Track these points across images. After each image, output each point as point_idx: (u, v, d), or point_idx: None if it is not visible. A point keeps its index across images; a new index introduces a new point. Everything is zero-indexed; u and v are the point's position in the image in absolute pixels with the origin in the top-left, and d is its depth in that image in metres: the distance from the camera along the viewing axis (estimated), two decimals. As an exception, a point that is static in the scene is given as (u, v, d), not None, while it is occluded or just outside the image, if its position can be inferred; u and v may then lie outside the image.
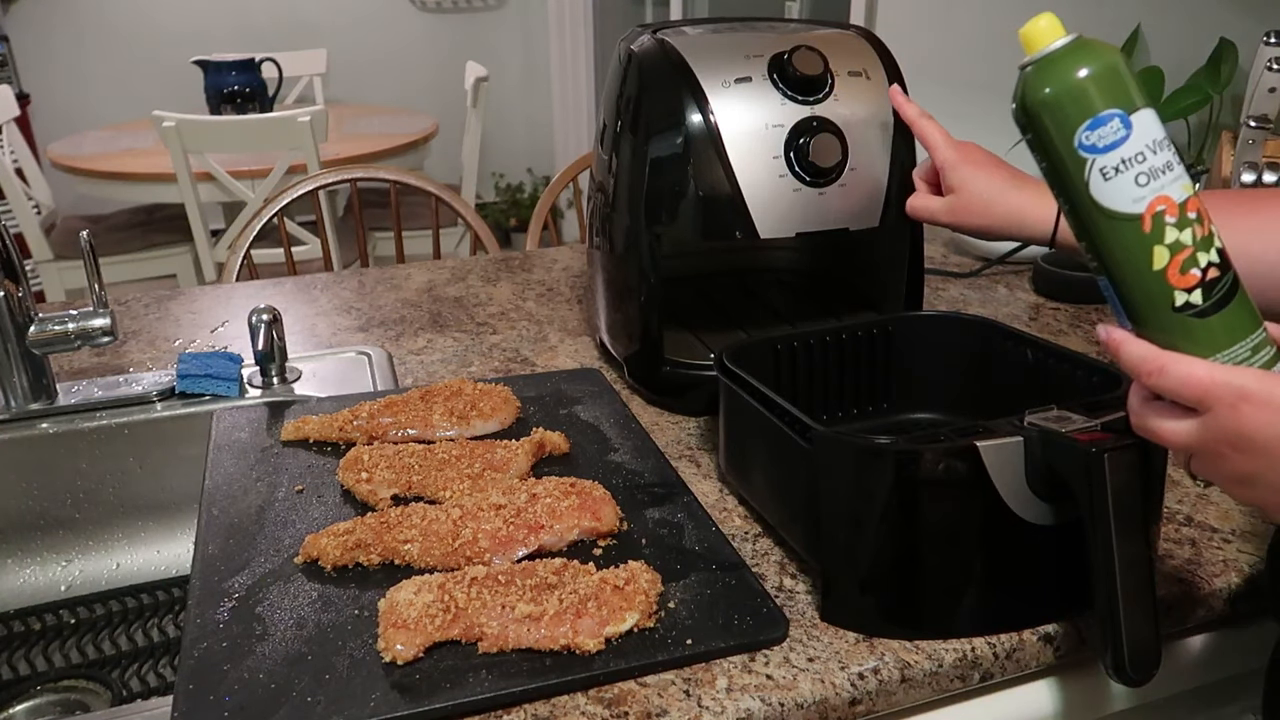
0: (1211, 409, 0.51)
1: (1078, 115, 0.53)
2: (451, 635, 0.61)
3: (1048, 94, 0.53)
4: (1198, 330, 0.53)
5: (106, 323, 0.95)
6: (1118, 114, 0.52)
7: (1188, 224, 0.52)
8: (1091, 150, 0.52)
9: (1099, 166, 0.52)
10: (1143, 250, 0.52)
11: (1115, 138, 0.52)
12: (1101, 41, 0.54)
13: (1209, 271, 0.52)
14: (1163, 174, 0.52)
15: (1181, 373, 0.51)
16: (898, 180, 0.91)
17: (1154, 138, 0.52)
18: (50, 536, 0.99)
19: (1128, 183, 0.52)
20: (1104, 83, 0.52)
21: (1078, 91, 0.53)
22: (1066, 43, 0.53)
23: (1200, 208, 0.53)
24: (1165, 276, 0.52)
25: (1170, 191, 0.52)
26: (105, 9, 3.90)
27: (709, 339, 1.01)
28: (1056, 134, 0.53)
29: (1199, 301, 0.52)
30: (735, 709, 0.58)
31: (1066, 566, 0.63)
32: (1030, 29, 0.55)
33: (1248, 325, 0.53)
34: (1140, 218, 0.52)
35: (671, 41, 0.90)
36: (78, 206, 3.40)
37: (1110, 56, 0.53)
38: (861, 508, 0.63)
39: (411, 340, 1.14)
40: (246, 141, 2.60)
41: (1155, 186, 0.52)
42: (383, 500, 0.76)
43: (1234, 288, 0.53)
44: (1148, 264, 0.53)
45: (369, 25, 4.25)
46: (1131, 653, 0.56)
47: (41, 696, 0.87)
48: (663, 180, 0.89)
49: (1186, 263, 0.52)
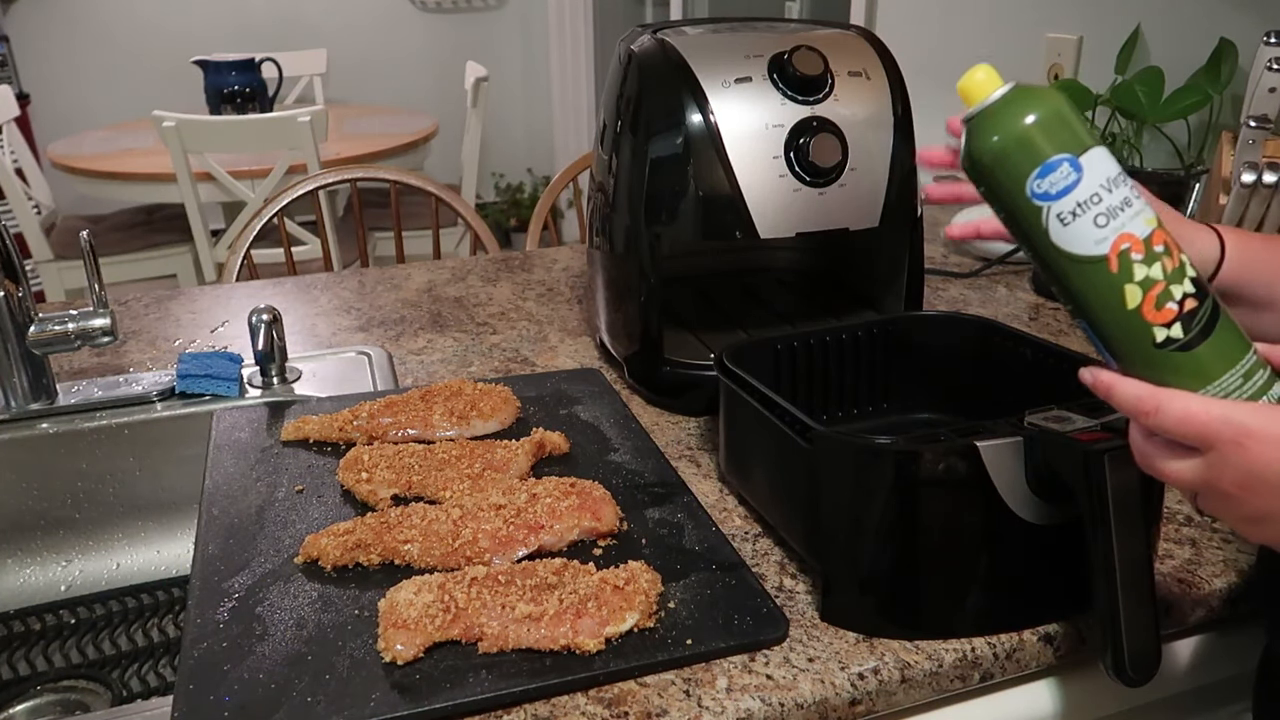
0: (1214, 448, 0.49)
1: (1026, 164, 0.52)
2: (451, 635, 0.61)
3: (994, 145, 0.53)
4: (1185, 364, 0.51)
5: (106, 323, 0.95)
6: (1066, 158, 0.51)
7: (1156, 258, 0.51)
8: (1045, 198, 0.52)
9: (1055, 213, 0.52)
10: (1114, 291, 0.52)
11: (1067, 182, 0.51)
12: (1041, 86, 0.54)
13: (1185, 303, 0.51)
14: (1121, 211, 0.51)
15: (1177, 412, 0.50)
16: (898, 180, 0.91)
17: (1107, 176, 0.52)
18: (50, 536, 0.99)
19: (1087, 225, 0.51)
20: (1049, 128, 0.52)
21: (1023, 140, 0.52)
22: (1005, 92, 0.53)
23: (1167, 239, 0.52)
24: (1141, 314, 0.51)
25: (1132, 228, 0.51)
26: (105, 9, 3.90)
27: (709, 339, 1.01)
28: (1008, 184, 0.53)
29: (1180, 335, 0.51)
30: (735, 709, 0.58)
31: (1066, 566, 0.63)
32: (968, 82, 0.54)
33: (1236, 351, 0.52)
34: (1105, 259, 0.51)
35: (671, 41, 0.90)
36: (78, 206, 3.40)
37: (1052, 101, 0.52)
38: (861, 508, 0.63)
39: (411, 340, 1.14)
40: (246, 141, 2.60)
41: (1116, 225, 0.51)
42: (383, 500, 0.76)
43: (1215, 315, 0.52)
44: (1121, 304, 0.52)
45: (369, 25, 4.25)
46: (1131, 653, 0.56)
47: (41, 696, 0.87)
48: (663, 180, 0.89)
49: (1161, 298, 0.51)
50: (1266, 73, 1.07)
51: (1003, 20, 1.73)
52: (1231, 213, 1.10)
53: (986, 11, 1.77)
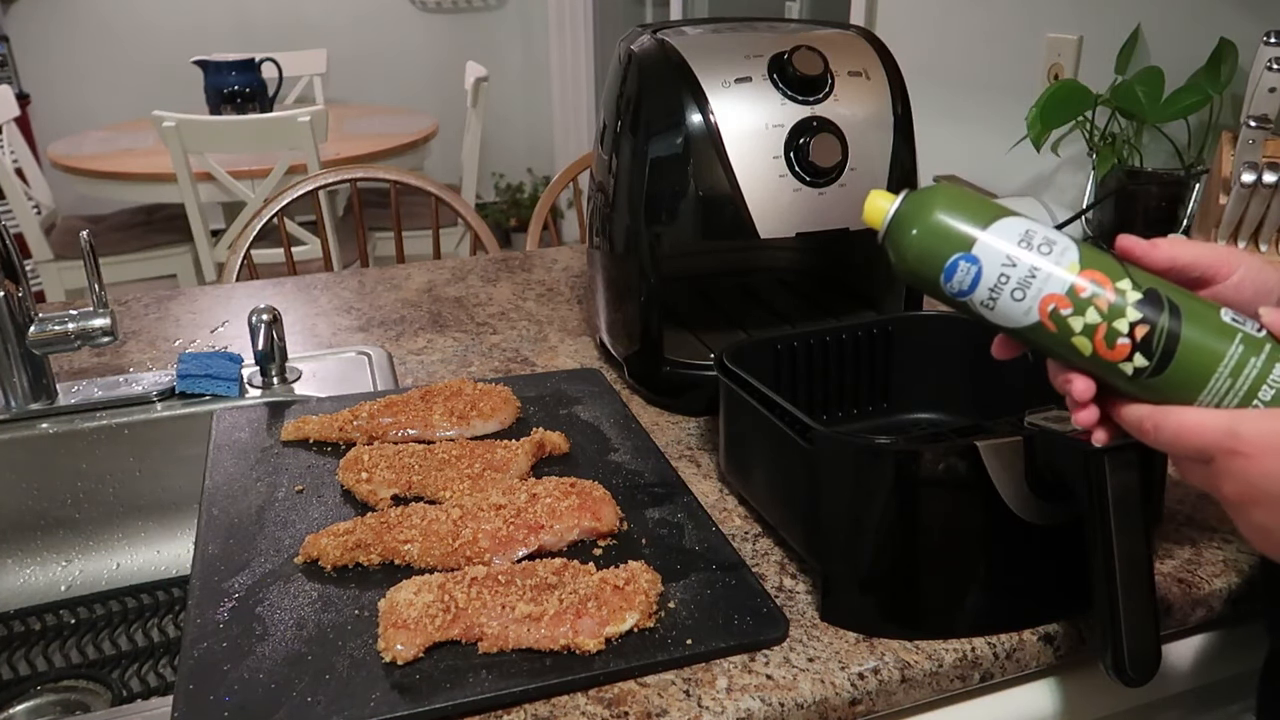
0: (1214, 459, 0.49)
1: (931, 272, 0.54)
2: (451, 635, 0.61)
3: (901, 264, 0.55)
4: (1167, 384, 0.51)
5: (106, 323, 0.95)
6: (959, 257, 0.53)
7: (1086, 304, 0.51)
8: (961, 294, 0.54)
9: (978, 302, 0.54)
10: (1065, 346, 0.53)
11: (970, 278, 0.53)
12: (926, 189, 0.55)
13: (1136, 331, 0.51)
14: (1033, 279, 0.52)
15: (1172, 429, 0.50)
16: (898, 180, 0.91)
17: (1005, 254, 0.52)
18: (50, 536, 0.99)
19: (1008, 303, 0.53)
20: (933, 236, 0.53)
21: (919, 251, 0.54)
22: (895, 209, 0.55)
23: (1095, 275, 0.52)
24: (1101, 357, 0.52)
25: (1051, 288, 0.52)
26: (105, 9, 3.90)
27: (709, 339, 1.01)
28: (934, 289, 0.55)
29: (1145, 363, 0.51)
30: (735, 709, 0.58)
31: (1066, 566, 0.63)
32: (867, 211, 0.56)
33: (1215, 351, 0.50)
34: (1040, 325, 0.52)
35: (671, 41, 0.90)
36: (78, 206, 3.40)
37: (934, 202, 0.54)
38: (861, 508, 0.63)
39: (411, 340, 1.14)
40: (246, 141, 2.60)
41: (1033, 294, 0.52)
42: (383, 500, 0.76)
43: (1175, 329, 0.51)
44: (1079, 354, 0.52)
45: (369, 25, 4.25)
46: (1131, 653, 0.56)
47: (41, 696, 0.87)
48: (663, 180, 0.89)
49: (1109, 337, 0.51)
50: (1266, 73, 1.07)
51: (1003, 20, 1.73)
52: (1231, 213, 1.10)
53: (986, 11, 1.77)
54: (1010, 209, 0.54)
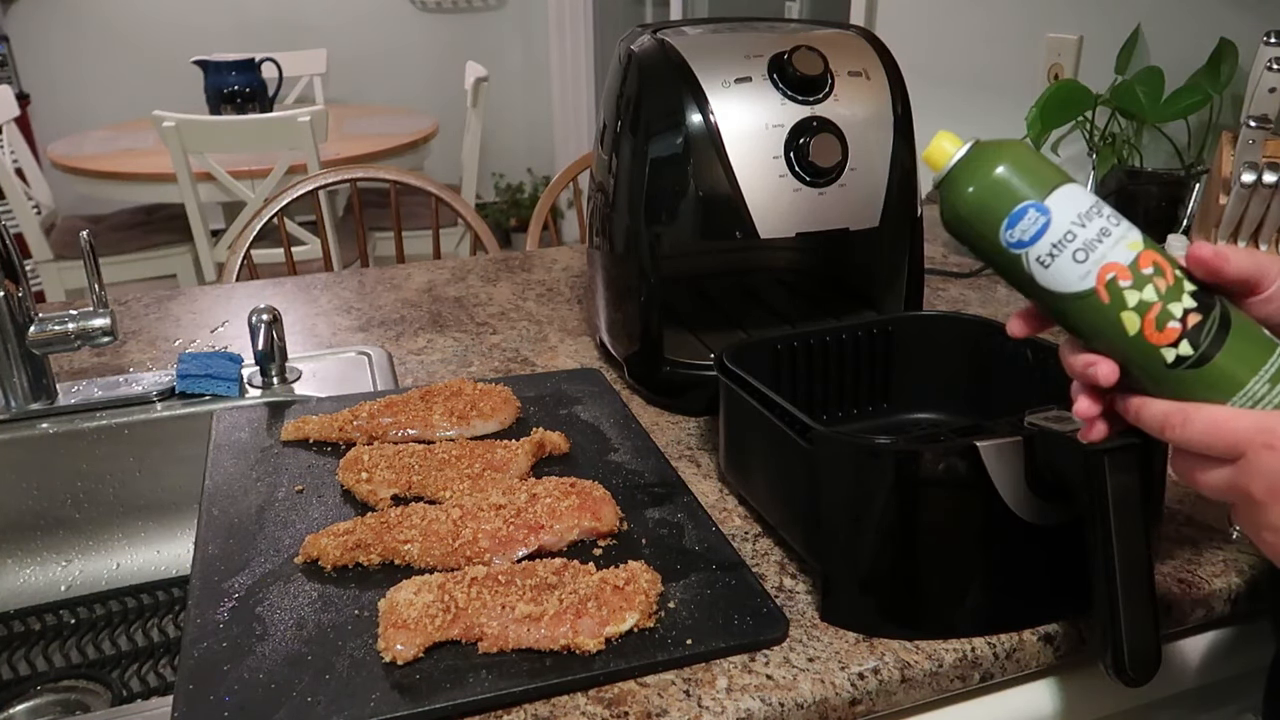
0: (1244, 454, 0.48)
1: (994, 218, 0.53)
2: (451, 635, 0.61)
3: (961, 206, 0.54)
4: (1204, 378, 0.50)
5: (106, 323, 0.95)
6: (1030, 205, 0.52)
7: (1146, 281, 0.51)
8: (1019, 245, 0.53)
9: (1034, 257, 0.53)
10: (1111, 321, 0.52)
11: (1037, 227, 0.52)
12: (999, 140, 0.55)
13: (1189, 319, 0.50)
14: (1100, 243, 0.51)
15: (1204, 422, 0.49)
16: (898, 180, 0.91)
17: (1078, 211, 0.52)
18: (50, 536, 0.99)
19: (1067, 263, 0.52)
20: (1008, 179, 0.53)
21: (986, 196, 0.53)
22: (963, 154, 0.55)
23: (1157, 258, 0.51)
24: (1145, 338, 0.51)
25: (1115, 256, 0.51)
26: (105, 9, 3.90)
27: (709, 339, 1.01)
28: (984, 239, 0.54)
29: (1190, 352, 0.50)
30: (735, 709, 0.58)
31: (1066, 566, 0.63)
32: (931, 151, 0.56)
33: (1258, 357, 0.50)
34: (1094, 291, 0.52)
35: (671, 41, 0.90)
36: (78, 206, 3.40)
37: (1009, 152, 0.54)
38: (861, 508, 0.63)
39: (411, 340, 1.14)
40: (246, 141, 2.60)
41: (1096, 258, 0.51)
42: (383, 500, 0.76)
43: (1225, 325, 0.51)
44: (1122, 332, 0.51)
45: (369, 25, 4.25)
46: (1131, 653, 0.56)
47: (41, 696, 0.87)
48: (663, 180, 0.89)
49: (1160, 319, 0.51)
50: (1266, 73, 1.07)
51: (1003, 20, 1.73)
52: (1231, 213, 1.10)
53: (986, 11, 1.77)
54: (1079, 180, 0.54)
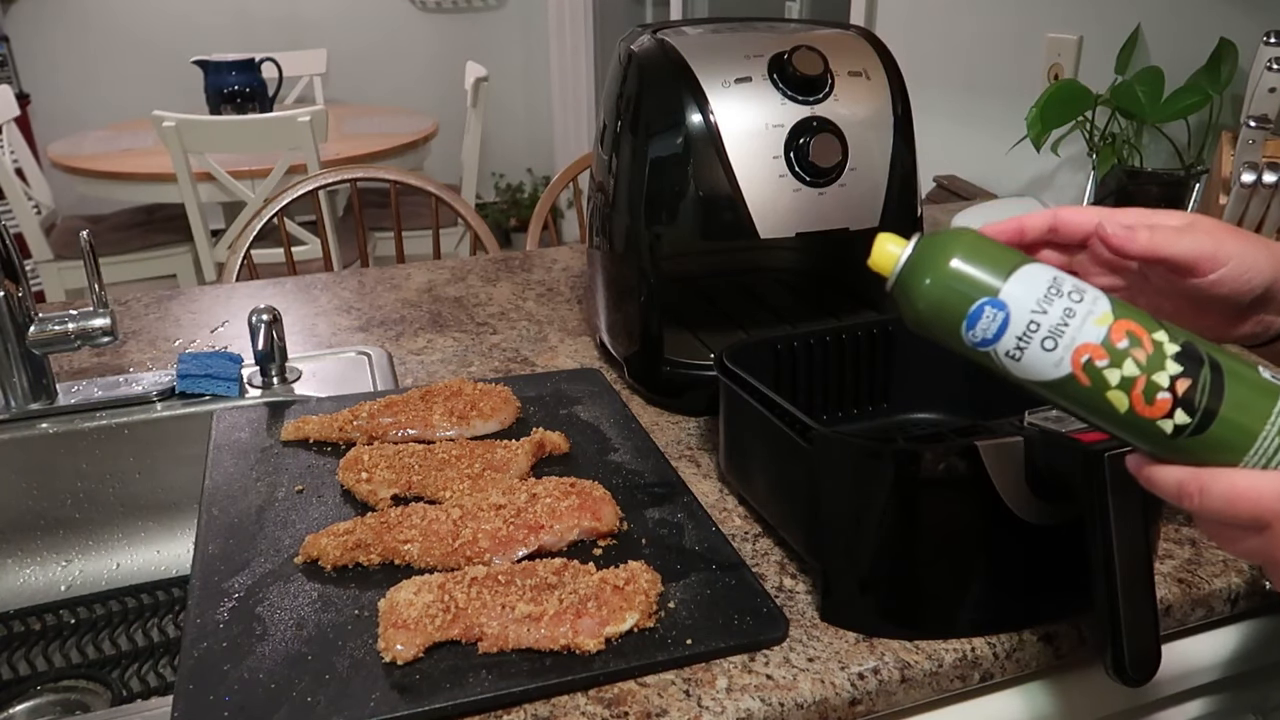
0: (1270, 525, 0.44)
1: (952, 321, 0.50)
2: (451, 635, 0.61)
3: (917, 315, 0.51)
4: (1208, 444, 0.47)
5: (106, 323, 0.95)
6: (985, 302, 0.49)
7: (1123, 355, 0.47)
8: (984, 344, 0.49)
9: (1002, 352, 0.49)
10: (1098, 402, 0.48)
11: (997, 324, 0.49)
12: (943, 233, 0.51)
13: (1178, 386, 0.46)
14: (1066, 326, 0.48)
15: (1222, 493, 0.45)
16: (898, 180, 0.91)
17: (1037, 296, 0.48)
18: (50, 536, 0.99)
19: (1037, 353, 0.48)
20: (958, 278, 0.49)
21: (939, 300, 0.50)
22: (909, 255, 0.51)
23: (1130, 326, 0.47)
24: (1138, 414, 0.47)
25: (1086, 336, 0.47)
26: (105, 9, 3.90)
27: (709, 339, 1.01)
28: (949, 341, 0.51)
29: (1188, 420, 0.46)
30: (735, 709, 0.58)
31: (1066, 566, 0.63)
32: (875, 256, 0.52)
33: (1262, 406, 0.46)
34: (1072, 377, 0.48)
35: (671, 41, 0.90)
36: (78, 206, 3.40)
37: (954, 247, 0.50)
38: (861, 508, 0.63)
39: (411, 340, 1.14)
40: (246, 141, 2.60)
41: (1066, 343, 0.48)
42: (383, 500, 0.76)
43: (1218, 381, 0.47)
44: (1113, 411, 0.48)
45: (369, 25, 4.25)
46: (1131, 653, 0.56)
47: (41, 696, 0.87)
48: (663, 180, 0.89)
49: (1148, 392, 0.47)
50: (1266, 73, 1.07)
51: (1003, 20, 1.73)
52: (1231, 213, 1.10)
53: (986, 11, 1.77)
54: (1031, 257, 0.50)
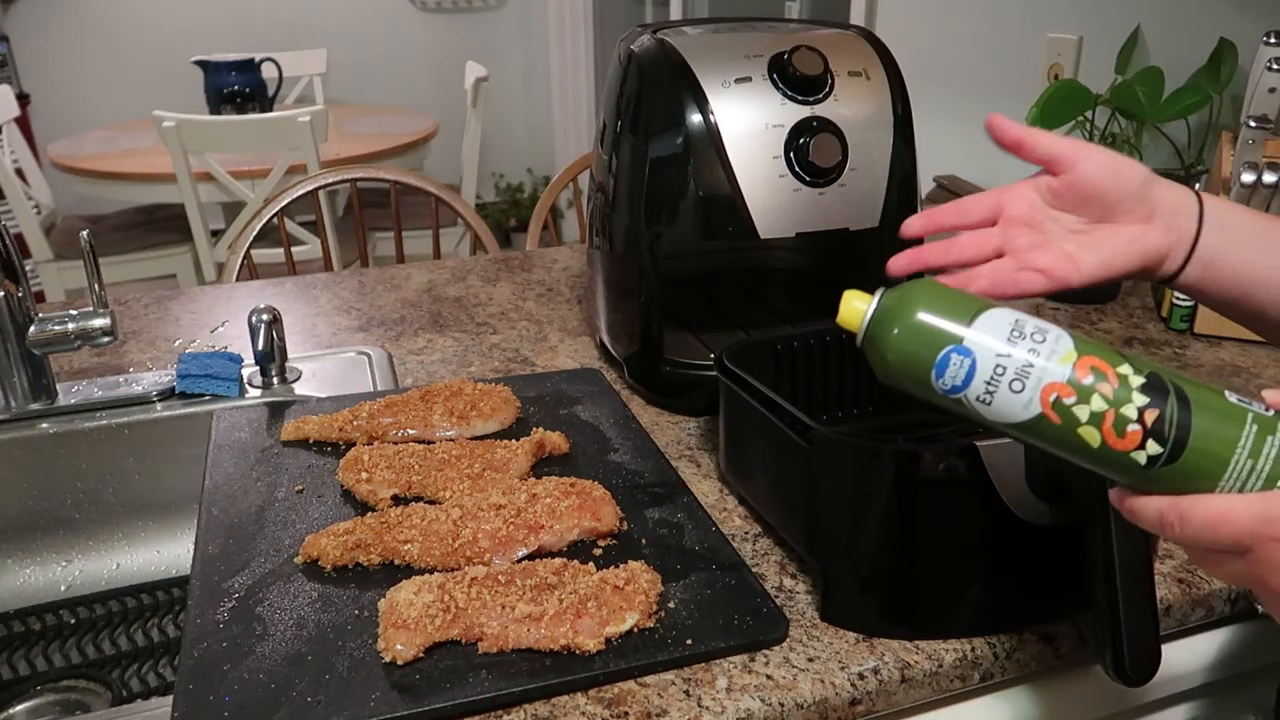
0: (1252, 550, 0.44)
1: (921, 370, 0.50)
2: (451, 635, 0.61)
3: (887, 368, 0.52)
4: (1182, 474, 0.47)
5: (106, 323, 0.95)
6: (950, 350, 0.50)
7: (1090, 391, 0.47)
8: (955, 390, 0.50)
9: (972, 398, 0.50)
10: (1071, 439, 0.48)
11: (964, 371, 0.49)
12: (905, 285, 0.52)
13: (1146, 416, 0.47)
14: (1031, 367, 0.48)
15: (1201, 520, 0.45)
16: (898, 180, 0.91)
17: (1000, 340, 0.49)
18: (50, 536, 0.99)
19: (1006, 396, 0.49)
20: (921, 331, 0.50)
21: (906, 351, 0.51)
22: (874, 310, 0.52)
23: (1094, 361, 0.48)
24: (1111, 448, 0.47)
25: (1052, 375, 0.48)
26: (105, 9, 3.90)
27: (709, 339, 1.01)
28: (922, 391, 0.51)
29: (1160, 450, 0.47)
30: (735, 709, 0.58)
31: (1066, 566, 0.63)
32: (843, 315, 0.54)
33: (1231, 433, 0.46)
34: (1043, 416, 0.48)
35: (671, 41, 0.90)
36: (78, 206, 3.39)
37: (916, 297, 0.51)
38: (861, 508, 0.63)
39: (411, 340, 1.14)
40: (246, 141, 2.60)
41: (1033, 383, 0.48)
42: (383, 500, 0.76)
43: (1186, 409, 0.47)
44: (1087, 447, 0.48)
45: (369, 25, 4.25)
46: (1131, 653, 0.56)
47: (41, 696, 0.87)
48: (663, 180, 0.89)
49: (1118, 425, 0.47)
50: (1266, 73, 1.07)
51: (1003, 20, 1.73)
52: (1231, 213, 1.09)
53: (986, 11, 1.77)
54: (992, 301, 0.52)
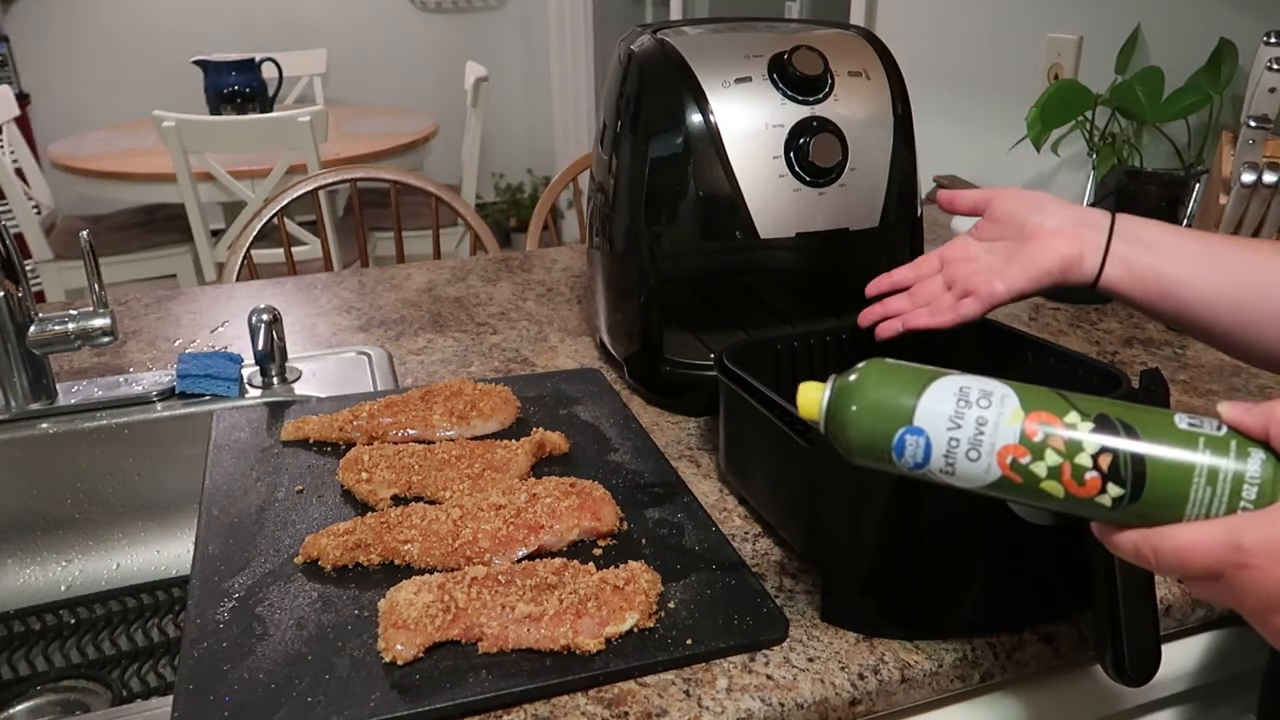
0: (1222, 575, 0.45)
1: (882, 452, 0.52)
2: (451, 635, 0.61)
3: (850, 447, 0.53)
4: (1150, 506, 0.47)
5: (106, 323, 0.95)
6: (904, 432, 0.51)
7: (1042, 447, 0.48)
8: (918, 466, 0.51)
9: (936, 470, 0.51)
10: (1037, 494, 0.49)
11: (921, 449, 0.50)
12: (852, 370, 0.53)
13: (1101, 460, 0.47)
14: (982, 434, 0.49)
15: (1171, 553, 0.46)
16: (898, 180, 0.91)
17: (948, 415, 0.50)
18: (50, 536, 0.99)
19: (966, 465, 0.50)
20: (874, 414, 0.51)
21: (863, 437, 0.52)
22: (827, 399, 0.53)
23: (1041, 415, 0.49)
24: (1075, 496, 0.48)
25: (1004, 438, 0.49)
26: (105, 9, 3.90)
27: (709, 339, 1.01)
28: (888, 469, 0.52)
29: (1121, 491, 0.47)
30: (735, 709, 0.58)
31: (1066, 566, 0.63)
32: (801, 406, 0.55)
33: (1184, 463, 0.46)
34: (1004, 479, 0.49)
35: (671, 41, 0.90)
36: (78, 206, 3.39)
37: (866, 379, 0.52)
38: (861, 508, 0.63)
39: (411, 340, 1.14)
40: (246, 141, 2.60)
41: (988, 449, 0.49)
42: (383, 500, 0.76)
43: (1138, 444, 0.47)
44: (1054, 498, 0.49)
45: (369, 25, 4.25)
46: (1131, 653, 0.56)
47: (41, 696, 0.87)
48: (663, 180, 0.89)
49: (1076, 474, 0.48)
50: (1266, 73, 1.07)
51: (1003, 20, 1.73)
52: (1231, 213, 1.10)
53: (986, 11, 1.77)
54: (940, 370, 0.52)
